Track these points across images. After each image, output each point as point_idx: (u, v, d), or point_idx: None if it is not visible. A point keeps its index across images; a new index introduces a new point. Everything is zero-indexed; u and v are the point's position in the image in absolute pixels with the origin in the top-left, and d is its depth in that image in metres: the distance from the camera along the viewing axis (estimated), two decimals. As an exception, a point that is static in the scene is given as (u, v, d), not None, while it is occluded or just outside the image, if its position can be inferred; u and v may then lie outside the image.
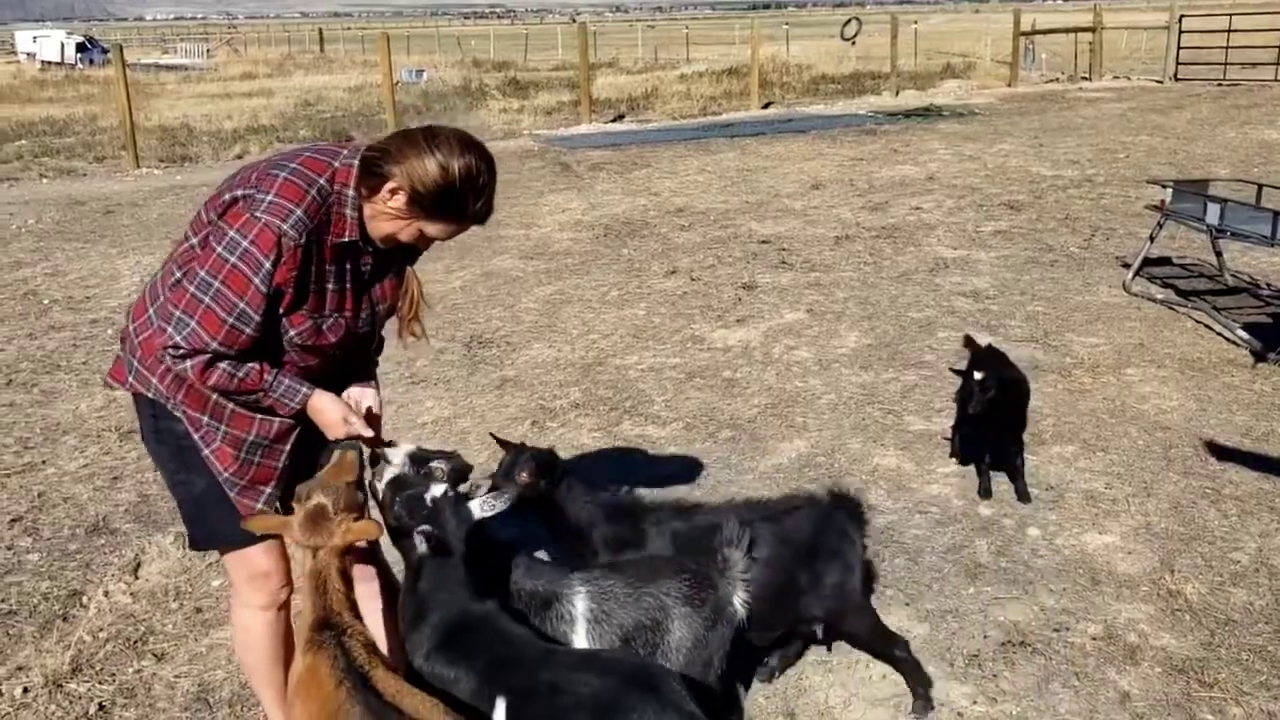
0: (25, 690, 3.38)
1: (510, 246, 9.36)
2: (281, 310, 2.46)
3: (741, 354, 6.31)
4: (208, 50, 46.52)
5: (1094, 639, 3.42)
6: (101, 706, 3.29)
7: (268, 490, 2.66)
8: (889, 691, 3.21)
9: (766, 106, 20.99)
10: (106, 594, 3.92)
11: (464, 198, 2.48)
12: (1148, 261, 7.48)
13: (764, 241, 9.10)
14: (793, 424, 5.25)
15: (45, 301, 7.96)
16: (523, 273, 8.46)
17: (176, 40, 56.93)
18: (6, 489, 4.86)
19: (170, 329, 2.37)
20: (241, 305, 2.37)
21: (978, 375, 4.22)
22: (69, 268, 8.97)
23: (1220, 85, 21.87)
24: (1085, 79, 24.30)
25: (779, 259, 8.52)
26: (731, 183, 12.24)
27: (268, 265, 2.36)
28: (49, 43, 44.38)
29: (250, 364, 2.45)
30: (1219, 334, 6.40)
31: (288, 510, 2.53)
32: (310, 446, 2.69)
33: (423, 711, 2.15)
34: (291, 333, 2.52)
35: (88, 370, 6.41)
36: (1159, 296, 7.15)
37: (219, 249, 2.36)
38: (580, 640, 2.59)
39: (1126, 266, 7.83)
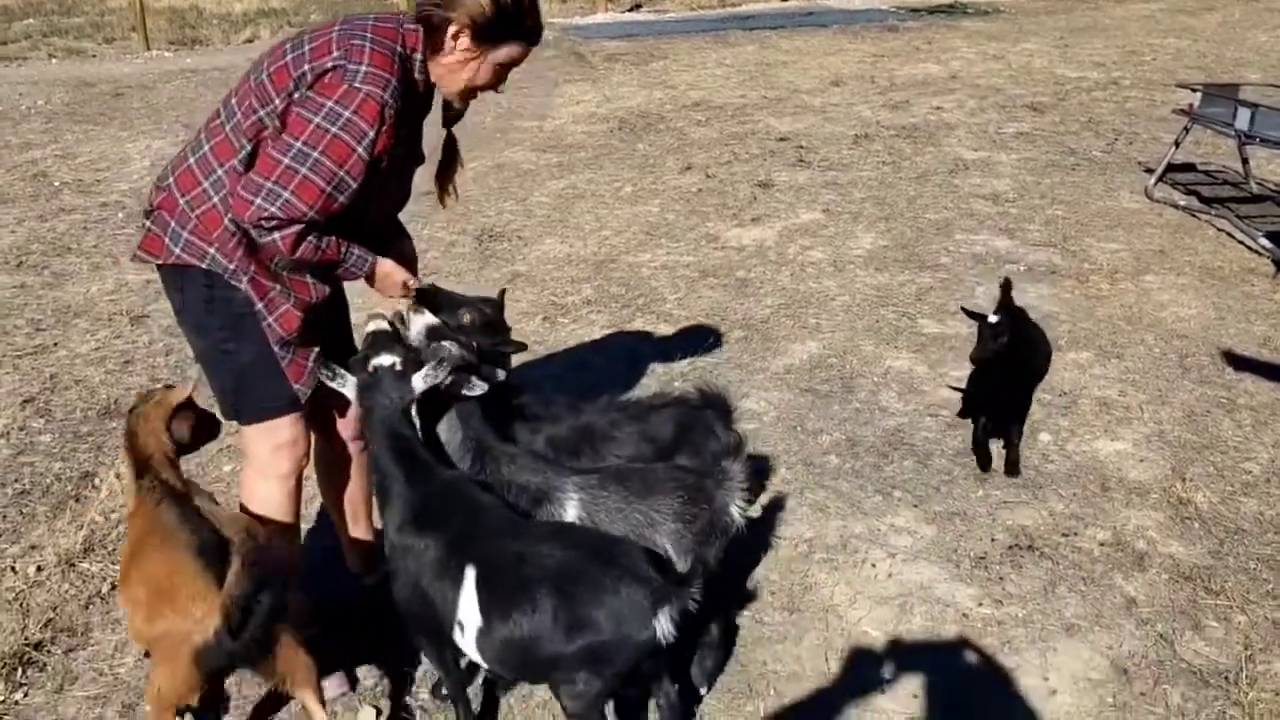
0: (39, 569, 3.42)
1: (523, 139, 9.22)
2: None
3: (756, 254, 6.24)
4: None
5: (1102, 545, 3.43)
6: (113, 586, 3.33)
7: (314, 352, 2.72)
8: (894, 590, 3.24)
9: (787, -1, 20.47)
10: (118, 475, 3.94)
11: (519, 15, 2.57)
12: (1171, 167, 7.34)
13: (782, 139, 8.94)
14: (805, 325, 5.21)
15: (55, 184, 7.88)
16: (535, 166, 8.34)
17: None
18: (19, 370, 4.87)
19: (259, 200, 2.38)
20: (341, 174, 2.42)
21: (993, 318, 3.67)
22: (79, 150, 8.87)
23: (1254, -14, 21.24)
24: (1116, -23, 23.61)
25: (796, 157, 8.38)
26: (750, 77, 11.99)
27: (371, 134, 2.42)
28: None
29: (328, 235, 2.51)
30: (1241, 242, 6.30)
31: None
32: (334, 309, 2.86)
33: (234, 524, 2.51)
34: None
35: (98, 254, 6.38)
36: (1181, 203, 7.03)
37: (317, 118, 2.39)
38: None
39: (1149, 172, 7.69)
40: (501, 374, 2.86)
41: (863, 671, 2.93)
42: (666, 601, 2.19)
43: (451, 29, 2.53)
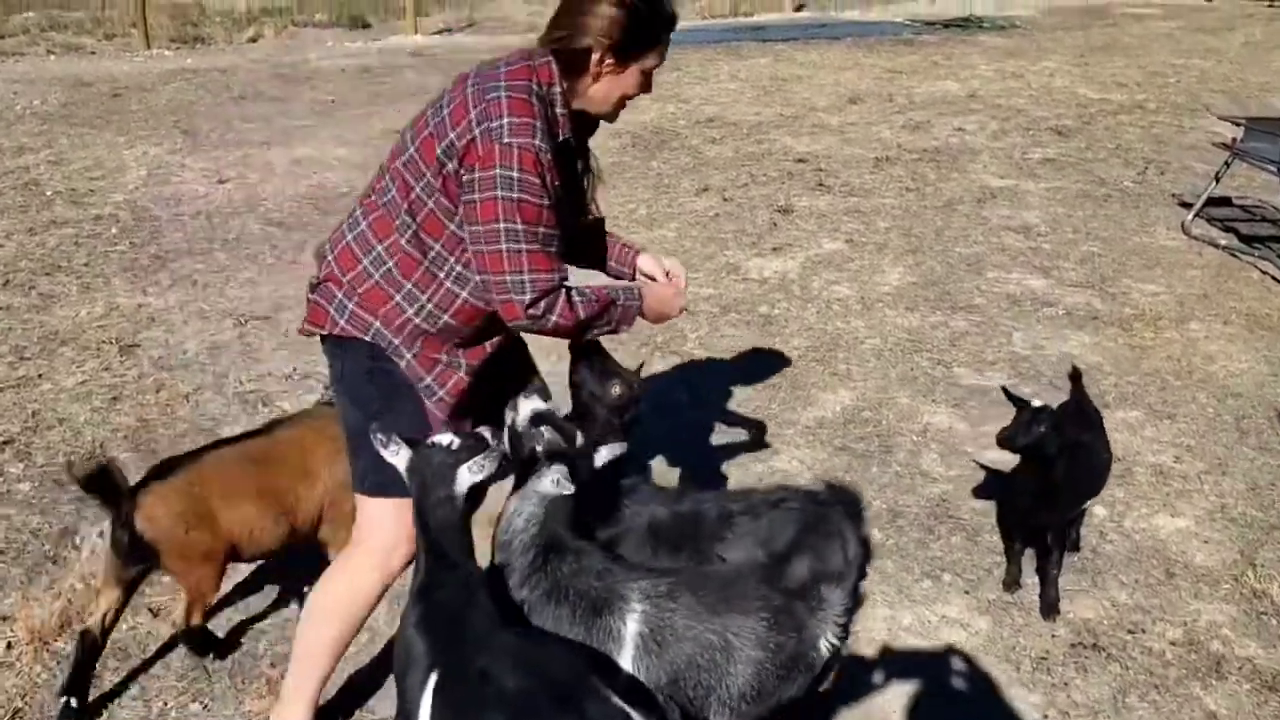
0: (9, 646, 3.13)
1: (534, 153, 8.92)
2: None
3: (779, 287, 5.95)
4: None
5: (1173, 644, 3.14)
6: (92, 669, 3.03)
7: (440, 392, 2.60)
8: (950, 697, 2.94)
9: (799, 9, 20.20)
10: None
11: (652, 19, 2.48)
12: (1208, 202, 7.05)
13: (800, 160, 8.65)
14: (835, 371, 4.92)
15: (48, 193, 7.57)
16: (547, 183, 8.04)
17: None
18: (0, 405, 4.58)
19: (513, 296, 2.36)
20: (543, 230, 2.38)
21: (1037, 403, 3.17)
22: (73, 156, 8.56)
23: (1272, 5, 20.96)
24: (1131, -7, 23.36)
25: (816, 180, 8.09)
26: (765, 92, 11.70)
27: (539, 182, 2.35)
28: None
29: (586, 286, 2.46)
30: (1286, 286, 6.03)
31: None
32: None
33: None
34: None
35: (90, 273, 6.07)
36: (1221, 242, 6.74)
37: (496, 192, 2.32)
38: (626, 666, 2.29)
39: (1184, 205, 7.41)
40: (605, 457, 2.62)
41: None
42: None
43: (593, 55, 2.45)
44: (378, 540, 2.62)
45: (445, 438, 2.41)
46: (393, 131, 9.47)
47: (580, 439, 2.63)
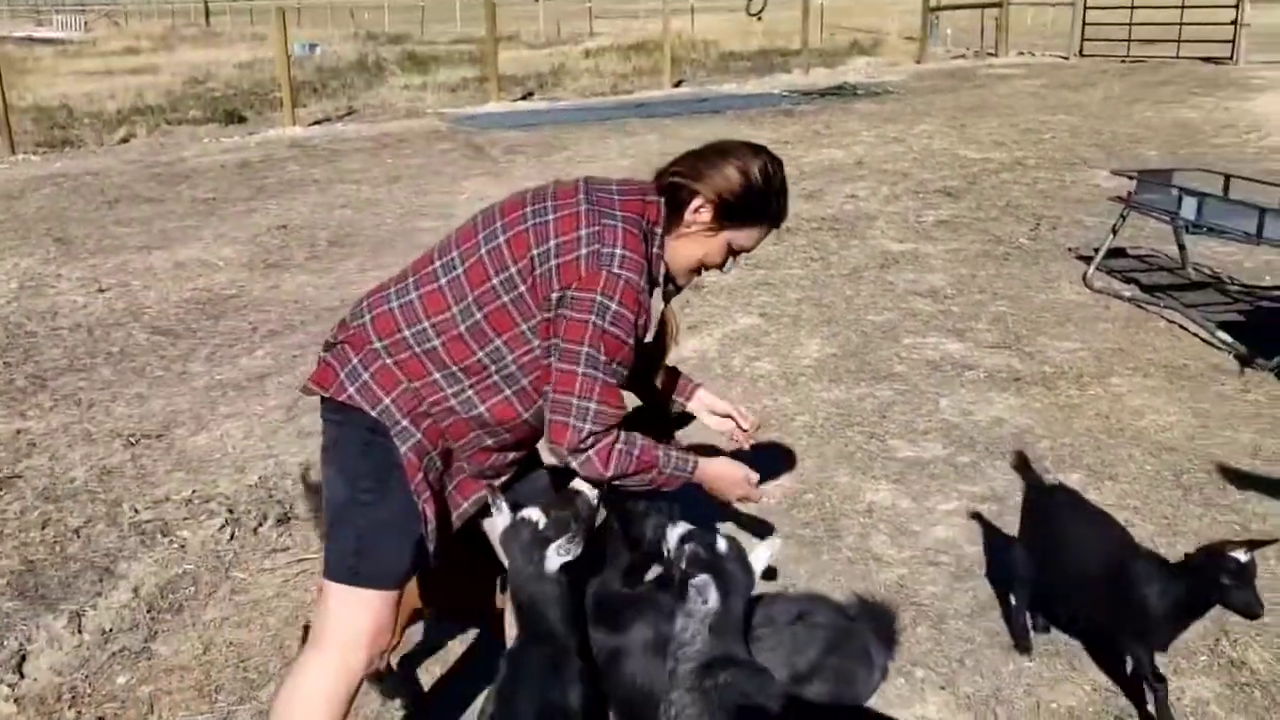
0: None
1: (427, 240, 8.61)
2: None
3: (700, 366, 5.79)
4: (85, 22, 44.16)
5: (1163, 727, 2.99)
6: None
7: (465, 504, 2.55)
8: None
9: (678, 85, 20.46)
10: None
11: (767, 197, 2.48)
12: (1106, 254, 7.15)
13: (701, 234, 8.56)
14: (771, 452, 4.75)
15: (-93, 313, 7.07)
16: (446, 273, 7.80)
17: (51, 11, 53.97)
18: None
19: (574, 420, 2.30)
20: (617, 367, 2.34)
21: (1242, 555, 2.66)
22: (-66, 272, 8.04)
23: (1124, 61, 21.99)
24: (992, 54, 24.29)
25: (721, 254, 8.00)
26: (656, 169, 11.67)
27: (635, 321, 2.33)
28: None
29: (634, 435, 2.41)
30: (1194, 334, 6.09)
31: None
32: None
33: None
34: None
35: (-42, 399, 5.62)
36: (1126, 294, 6.82)
37: (591, 317, 2.28)
38: None
39: (1081, 259, 7.53)
40: None
41: None
42: None
43: (696, 202, 2.43)
44: (337, 635, 2.38)
45: (533, 512, 2.39)
46: (279, 228, 9.17)
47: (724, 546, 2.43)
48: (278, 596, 3.68)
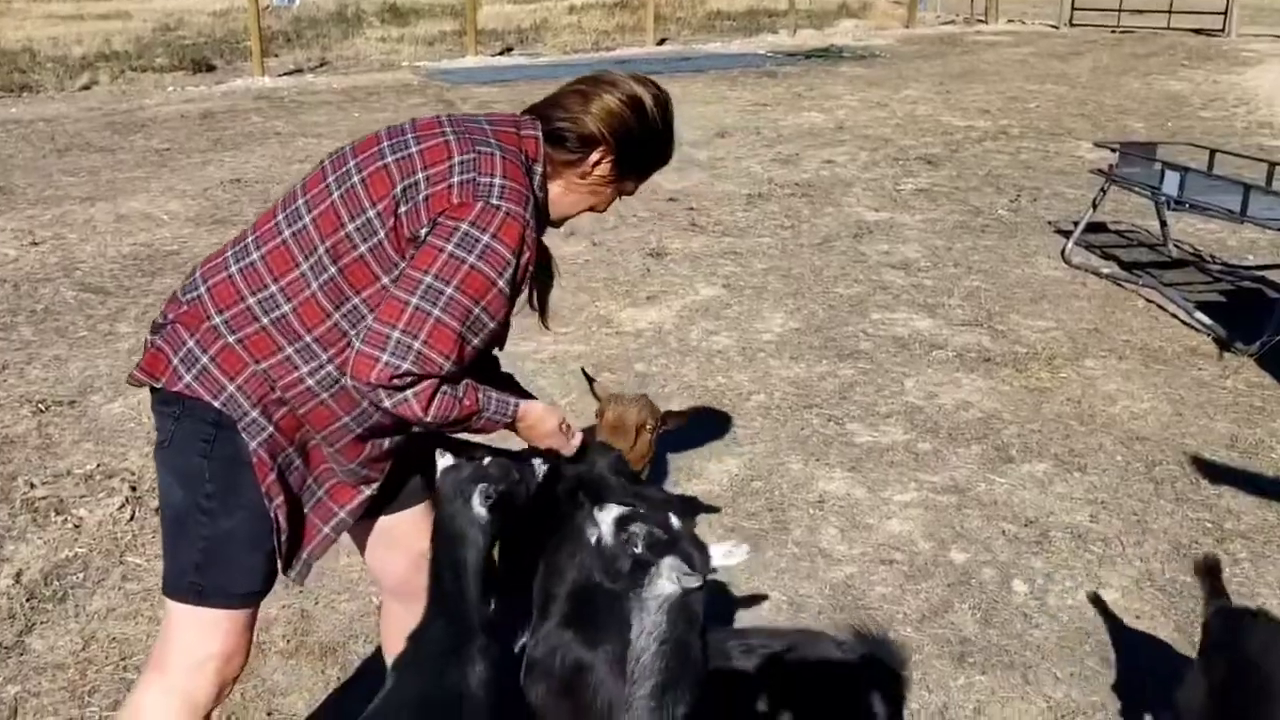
0: None
1: (387, 200, 8.34)
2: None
3: (655, 339, 5.50)
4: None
5: (1123, 753, 2.75)
6: None
7: (341, 513, 2.20)
8: None
9: (662, 43, 20.00)
10: None
11: (666, 144, 2.26)
12: (1086, 229, 6.87)
13: (670, 199, 8.24)
14: (720, 435, 4.48)
15: None
16: (401, 233, 7.47)
17: (25, -47, 52.71)
18: None
19: (386, 355, 1.93)
20: (477, 311, 2.00)
21: None
22: None
23: (1114, 31, 21.63)
24: (982, 21, 23.86)
25: (688, 220, 7.70)
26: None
27: (514, 262, 2.01)
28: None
29: (464, 381, 2.07)
30: (1173, 315, 5.82)
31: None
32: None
33: None
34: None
35: None
36: (1105, 271, 6.54)
37: (449, 246, 1.96)
38: None
39: (1061, 233, 7.25)
40: None
41: None
42: None
43: (596, 155, 2.16)
44: (180, 660, 2.11)
45: (479, 454, 2.23)
46: (233, 181, 8.81)
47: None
48: (173, 585, 3.39)
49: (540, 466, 2.39)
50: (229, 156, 9.78)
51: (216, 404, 2.01)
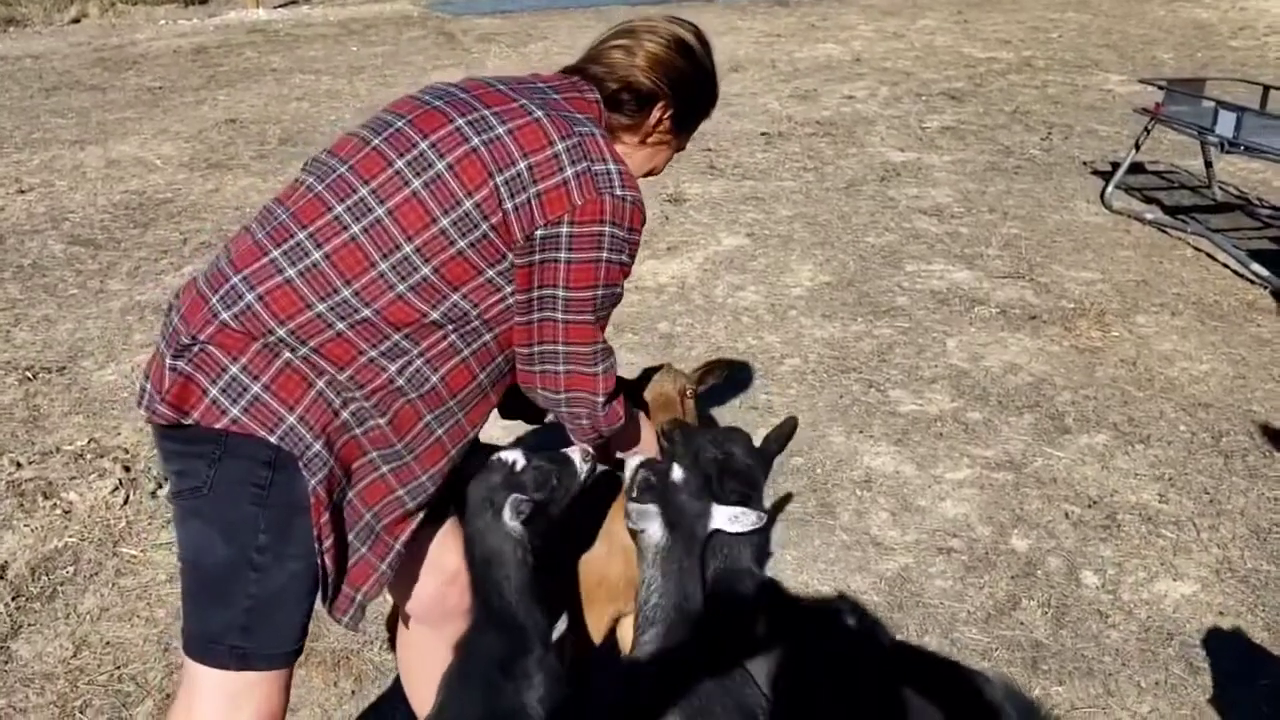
0: None
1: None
2: None
3: (678, 295, 5.19)
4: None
5: (1220, 778, 2.50)
6: None
7: (397, 545, 1.90)
8: None
9: (667, -30, 19.38)
10: None
11: (714, 79, 2.16)
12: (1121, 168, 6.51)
13: (686, 139, 7.86)
14: (755, 404, 4.19)
15: None
16: (405, 177, 7.13)
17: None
18: None
19: (600, 368, 1.91)
20: (617, 291, 1.93)
21: None
22: None
23: (1135, -45, 20.94)
24: (996, -54, 23.14)
25: (706, 162, 7.34)
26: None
27: (638, 246, 1.93)
28: None
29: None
30: (1224, 264, 5.51)
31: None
32: None
33: None
34: None
35: None
36: (1149, 216, 6.20)
37: (602, 255, 1.83)
38: None
39: (1098, 174, 6.90)
40: None
41: None
42: None
43: (656, 112, 2.03)
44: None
45: (514, 454, 2.09)
46: (228, 122, 8.43)
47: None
48: (170, 581, 3.12)
49: (583, 465, 2.17)
50: (223, 95, 9.38)
51: (273, 439, 1.70)
